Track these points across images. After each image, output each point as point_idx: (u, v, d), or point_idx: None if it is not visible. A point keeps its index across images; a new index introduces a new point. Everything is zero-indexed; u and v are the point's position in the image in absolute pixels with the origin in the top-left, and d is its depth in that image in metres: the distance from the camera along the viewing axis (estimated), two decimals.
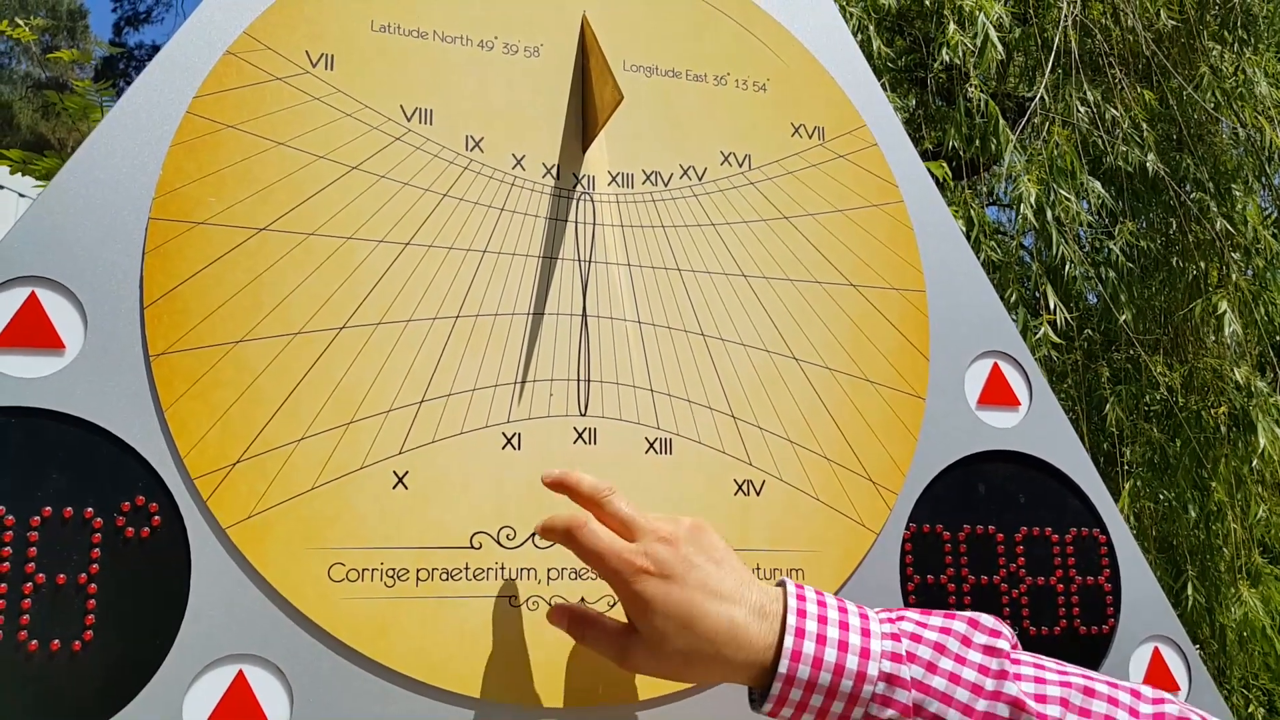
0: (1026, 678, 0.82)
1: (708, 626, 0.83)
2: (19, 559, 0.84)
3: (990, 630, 0.84)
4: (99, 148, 0.94)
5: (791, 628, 0.82)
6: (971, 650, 0.83)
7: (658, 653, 0.85)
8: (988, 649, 0.83)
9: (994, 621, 0.85)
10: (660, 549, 0.85)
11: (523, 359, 1.02)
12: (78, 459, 0.87)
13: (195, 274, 0.93)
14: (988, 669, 0.81)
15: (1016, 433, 1.17)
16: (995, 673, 0.81)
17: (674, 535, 0.87)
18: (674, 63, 1.14)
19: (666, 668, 0.86)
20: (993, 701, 0.80)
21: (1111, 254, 3.91)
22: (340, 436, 0.94)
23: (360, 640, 0.90)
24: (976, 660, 0.82)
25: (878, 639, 0.83)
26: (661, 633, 0.83)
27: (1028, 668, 0.83)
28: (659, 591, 0.84)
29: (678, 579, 0.84)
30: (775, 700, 0.82)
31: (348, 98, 1.01)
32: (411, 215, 1.00)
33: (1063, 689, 0.81)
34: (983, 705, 0.80)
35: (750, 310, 1.10)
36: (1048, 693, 0.81)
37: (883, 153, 1.20)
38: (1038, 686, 0.81)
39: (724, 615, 0.83)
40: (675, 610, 0.83)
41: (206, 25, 0.99)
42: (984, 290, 1.21)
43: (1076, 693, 0.81)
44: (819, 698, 0.81)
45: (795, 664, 0.81)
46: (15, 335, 0.88)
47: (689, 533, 0.88)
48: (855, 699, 0.81)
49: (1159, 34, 4.19)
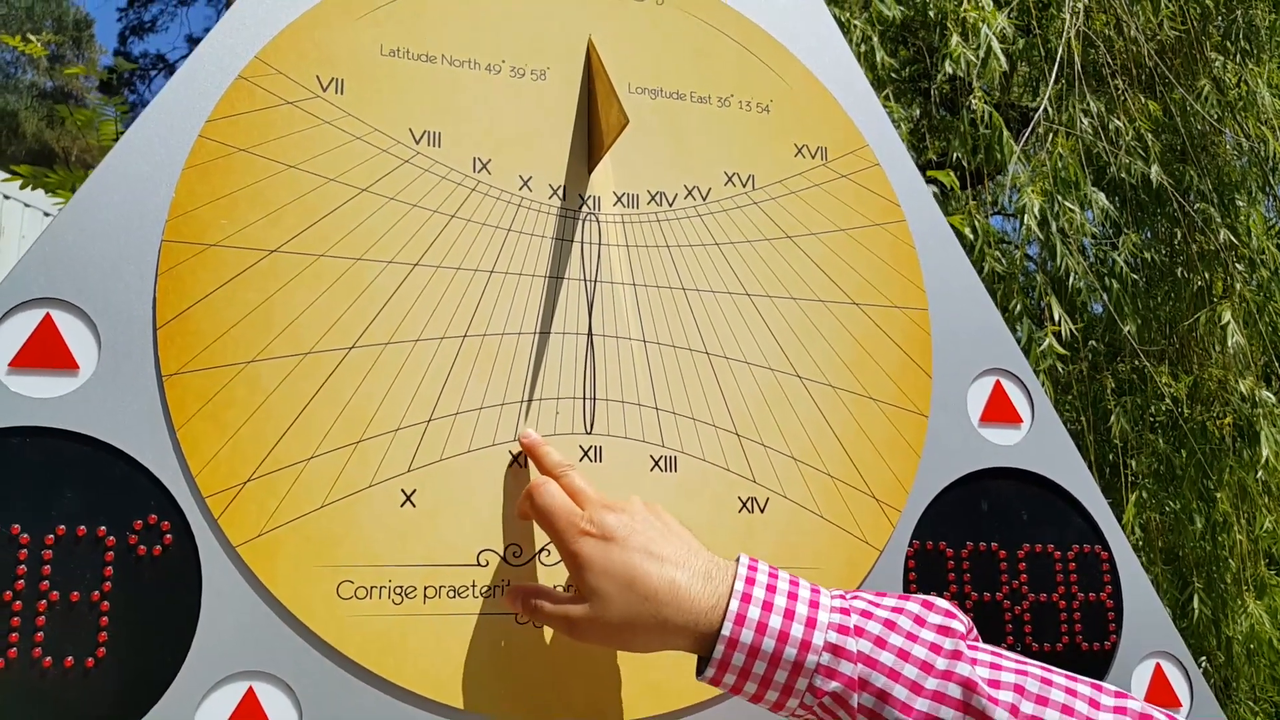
0: (982, 663, 0.81)
1: (648, 586, 0.84)
2: (33, 577, 0.85)
3: (945, 612, 0.84)
4: (113, 171, 0.95)
5: (738, 593, 0.83)
6: (924, 629, 0.82)
7: (601, 617, 0.85)
8: (942, 629, 0.82)
9: (949, 605, 0.85)
10: (605, 514, 0.88)
11: (529, 378, 1.03)
12: (91, 478, 0.89)
13: (207, 295, 0.94)
14: (940, 648, 0.81)
15: (1019, 450, 1.18)
16: (948, 653, 0.80)
17: (620, 506, 0.90)
18: (678, 85, 1.16)
19: (612, 633, 0.86)
20: (943, 681, 0.79)
21: (1116, 265, 3.91)
22: (349, 455, 0.95)
23: (368, 657, 0.91)
24: (929, 639, 0.81)
25: (826, 610, 0.83)
26: (602, 594, 0.84)
27: (985, 654, 0.82)
28: (598, 551, 0.86)
29: (618, 541, 0.86)
30: (718, 664, 0.82)
31: (358, 121, 1.02)
32: (420, 236, 1.02)
33: (1018, 676, 0.80)
34: (932, 684, 0.79)
35: (754, 329, 1.11)
36: (1002, 678, 0.80)
37: (885, 172, 1.22)
38: (993, 672, 0.80)
39: (665, 576, 0.84)
40: (615, 569, 0.85)
41: (219, 50, 1.01)
42: (986, 308, 1.22)
43: (1034, 680, 0.80)
44: (762, 664, 0.81)
45: (739, 627, 0.81)
46: (30, 356, 0.90)
47: (637, 505, 0.91)
48: (799, 668, 0.81)
49: (1162, 45, 4.20)
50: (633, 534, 0.87)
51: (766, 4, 1.23)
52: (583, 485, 0.93)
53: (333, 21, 1.04)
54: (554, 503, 0.90)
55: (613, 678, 0.95)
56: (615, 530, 0.87)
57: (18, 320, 0.90)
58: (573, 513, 0.89)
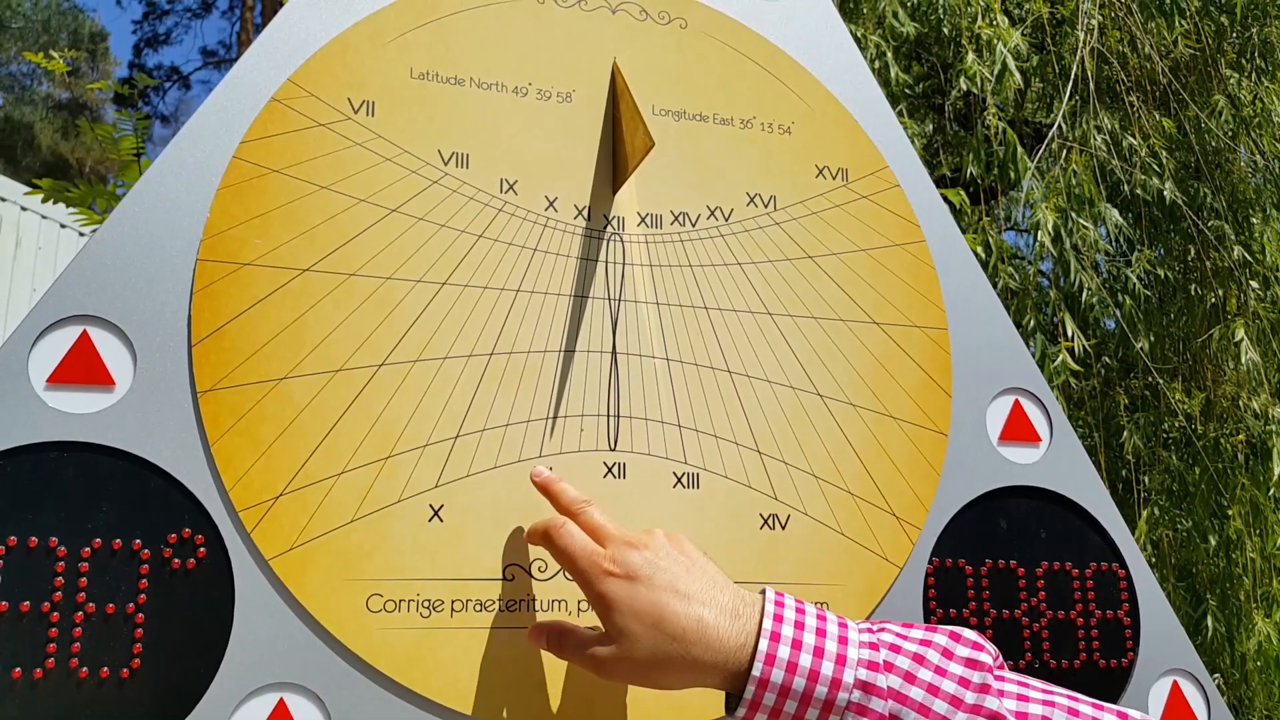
0: (1010, 694, 0.81)
1: (675, 626, 0.84)
2: (70, 589, 0.87)
3: (972, 644, 0.84)
4: (149, 191, 0.97)
5: (767, 631, 0.83)
6: (952, 663, 0.82)
7: (629, 657, 0.85)
8: (970, 662, 0.82)
9: (976, 636, 0.85)
10: (628, 553, 0.88)
11: (554, 395, 1.04)
12: (126, 492, 0.90)
13: (241, 313, 0.96)
14: (968, 681, 0.81)
15: (1037, 468, 1.19)
16: (976, 686, 0.80)
17: (642, 542, 0.89)
18: (701, 107, 1.18)
19: (640, 673, 0.87)
20: (972, 715, 0.79)
21: (1129, 282, 3.92)
22: (379, 471, 0.97)
23: (397, 669, 0.93)
24: (957, 672, 0.81)
25: (855, 647, 0.83)
26: (630, 634, 0.85)
27: (1012, 685, 0.83)
28: (624, 592, 0.86)
29: (643, 580, 0.86)
30: (749, 705, 0.82)
31: (388, 143, 1.04)
32: (448, 256, 1.04)
33: (1045, 707, 0.80)
34: (961, 718, 0.79)
35: (776, 347, 1.12)
36: (1030, 710, 0.80)
37: (904, 193, 1.23)
38: (1020, 704, 0.81)
39: (692, 615, 0.84)
40: (641, 609, 0.85)
41: (252, 72, 1.03)
42: (1005, 327, 1.23)
43: (1061, 712, 0.80)
44: (793, 703, 0.81)
45: (769, 667, 0.81)
46: (68, 372, 0.92)
47: (659, 540, 0.90)
48: (830, 706, 0.80)
49: (1176, 62, 4.21)
50: (657, 572, 0.87)
51: (789, 27, 1.25)
52: (601, 521, 0.93)
53: (364, 45, 1.07)
54: (574, 544, 0.90)
55: (641, 694, 0.96)
56: (639, 569, 0.87)
57: (55, 337, 0.92)
58: (595, 553, 0.89)
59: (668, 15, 1.19)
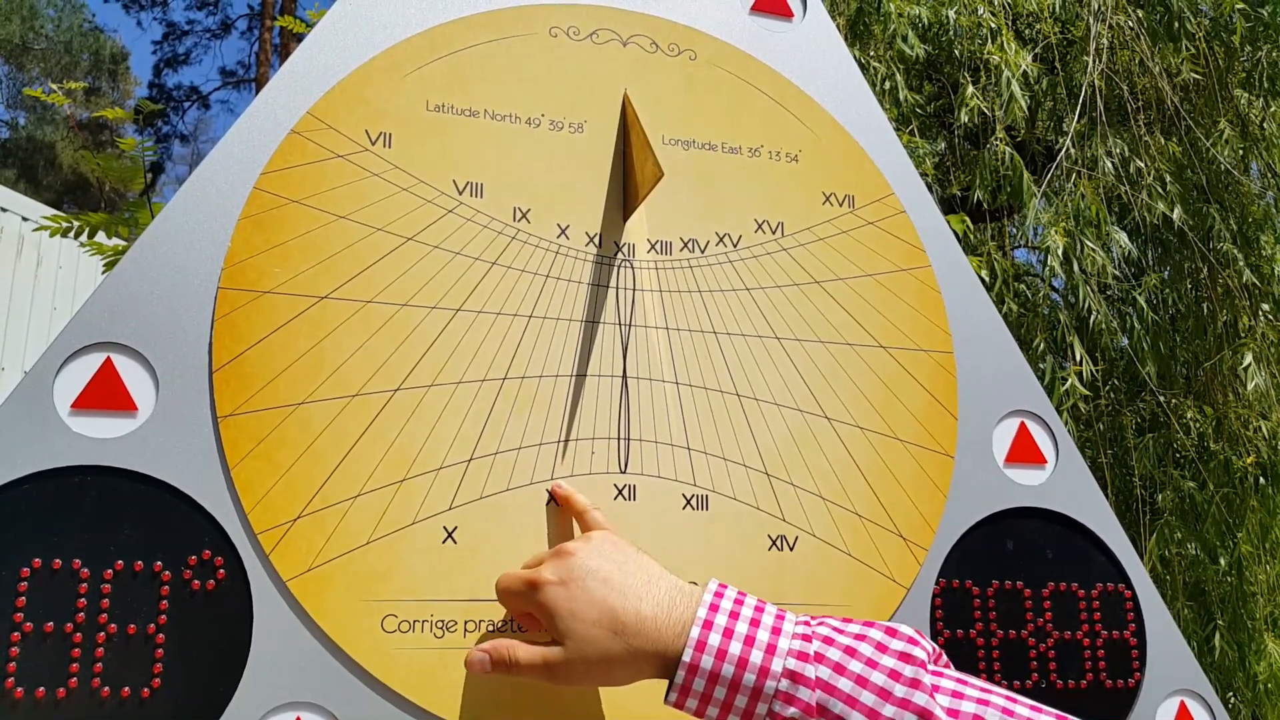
0: (944, 690, 0.82)
1: (615, 620, 0.87)
2: (93, 610, 0.89)
3: (907, 639, 0.84)
4: (172, 221, 1.00)
5: (699, 620, 0.85)
6: (885, 656, 0.83)
7: (578, 658, 0.87)
8: (903, 655, 0.83)
9: (912, 632, 0.85)
10: (558, 561, 0.92)
11: (566, 419, 1.06)
12: (148, 515, 0.92)
13: (261, 340, 0.98)
14: (899, 675, 0.81)
15: (1043, 490, 1.20)
16: (907, 680, 0.81)
17: (575, 548, 0.93)
18: (710, 136, 1.20)
19: (590, 672, 0.89)
20: (900, 709, 0.79)
21: (1137, 304, 3.93)
22: (394, 493, 0.99)
23: (411, 689, 0.94)
24: (889, 665, 0.82)
25: (787, 637, 0.85)
26: (575, 635, 0.87)
27: (948, 682, 0.83)
28: (560, 595, 0.89)
29: (576, 581, 0.89)
30: (679, 689, 0.84)
31: (404, 173, 1.07)
32: (463, 283, 1.06)
33: (979, 705, 0.81)
34: (889, 711, 0.79)
35: (784, 371, 1.14)
36: (962, 708, 0.80)
37: (910, 218, 1.25)
38: (953, 700, 0.81)
39: (629, 609, 0.87)
40: (580, 610, 0.88)
41: (272, 105, 1.05)
42: (1010, 351, 1.25)
43: (994, 711, 0.80)
44: (722, 689, 0.83)
45: (699, 654, 0.84)
46: (91, 398, 0.94)
47: (594, 543, 0.94)
48: (759, 694, 0.82)
49: (1185, 85, 4.22)
50: (590, 573, 0.90)
51: (796, 58, 1.27)
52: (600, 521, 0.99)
53: (381, 78, 1.09)
54: (507, 579, 0.95)
55: (653, 713, 0.97)
56: (573, 573, 0.90)
57: (80, 363, 0.95)
58: (527, 575, 0.92)
59: (677, 47, 1.22)
